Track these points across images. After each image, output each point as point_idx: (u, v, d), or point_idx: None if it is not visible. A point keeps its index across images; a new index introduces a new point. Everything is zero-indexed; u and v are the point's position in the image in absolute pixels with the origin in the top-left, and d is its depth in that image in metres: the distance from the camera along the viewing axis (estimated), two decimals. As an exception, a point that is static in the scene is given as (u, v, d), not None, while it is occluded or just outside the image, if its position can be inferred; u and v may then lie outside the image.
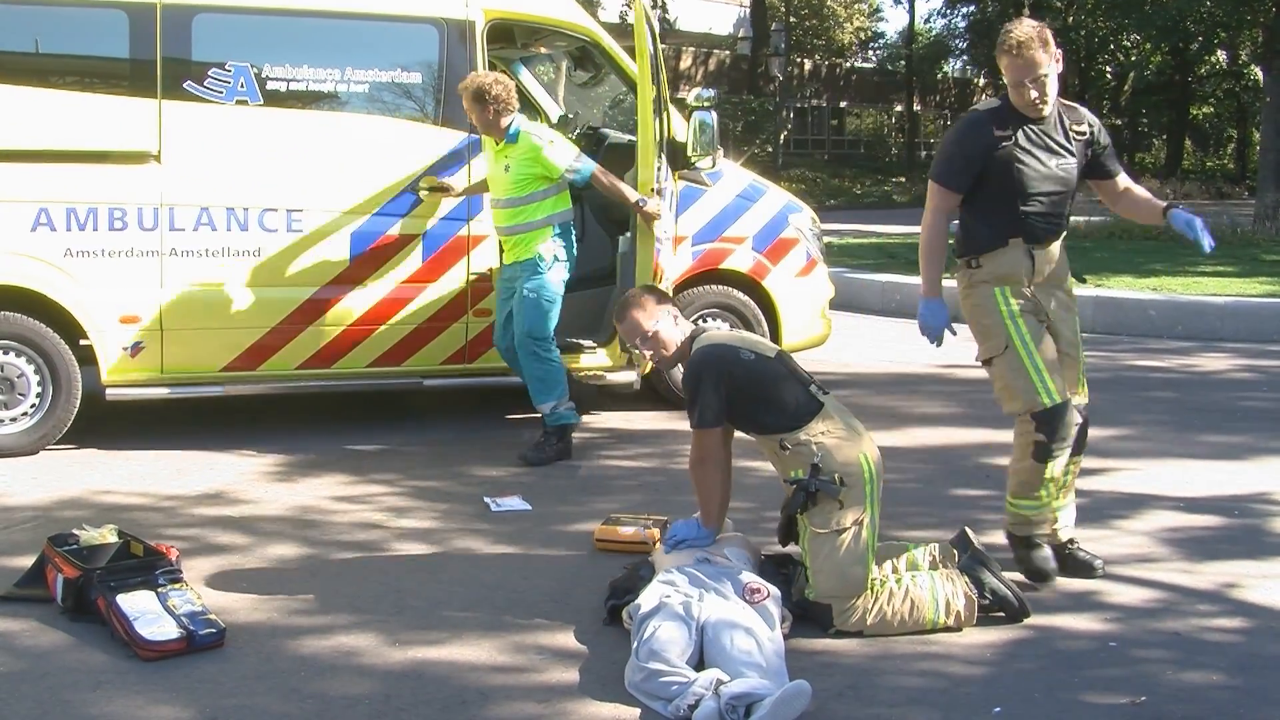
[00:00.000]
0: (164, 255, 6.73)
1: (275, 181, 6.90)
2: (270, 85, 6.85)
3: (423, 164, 7.10)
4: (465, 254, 7.26)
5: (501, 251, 7.00)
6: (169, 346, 6.81)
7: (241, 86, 6.78)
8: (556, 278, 6.74)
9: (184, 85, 6.69)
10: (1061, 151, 4.76)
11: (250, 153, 6.85)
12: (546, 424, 6.83)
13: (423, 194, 7.10)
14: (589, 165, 6.78)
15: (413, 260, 7.15)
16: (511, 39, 8.32)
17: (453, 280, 7.25)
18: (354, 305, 7.08)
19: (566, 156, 6.71)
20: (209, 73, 6.72)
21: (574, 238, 6.88)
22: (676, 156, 7.19)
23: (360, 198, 7.01)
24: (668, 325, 4.74)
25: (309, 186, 6.95)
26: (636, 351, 5.29)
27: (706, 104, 7.59)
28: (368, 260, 7.06)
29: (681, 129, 7.38)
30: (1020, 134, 4.70)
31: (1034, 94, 4.64)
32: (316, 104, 7.03)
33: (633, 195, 6.76)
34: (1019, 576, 4.78)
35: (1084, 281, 12.34)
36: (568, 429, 6.84)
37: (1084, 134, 4.84)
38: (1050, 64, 4.61)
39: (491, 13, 7.34)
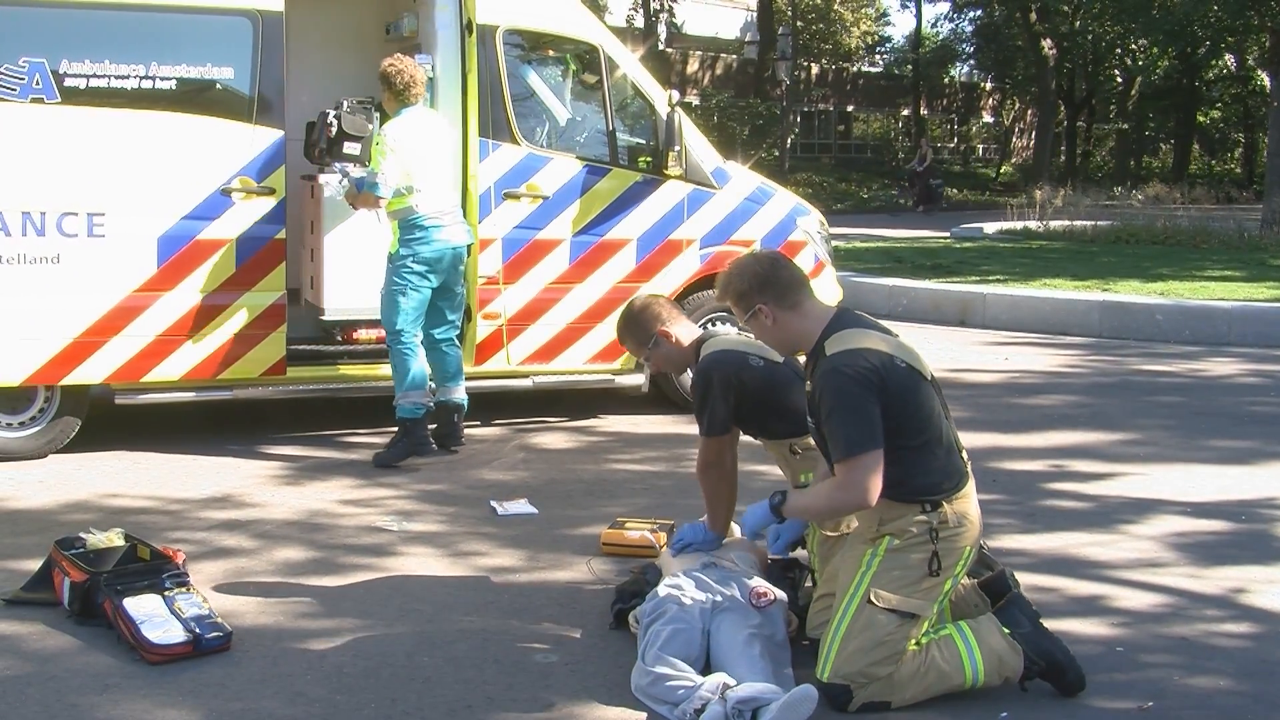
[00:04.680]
0: None
1: (75, 184, 6.51)
2: (69, 82, 6.44)
3: (236, 164, 6.77)
4: (282, 259, 6.94)
5: None
6: None
7: (37, 84, 6.39)
8: (398, 270, 6.70)
9: None
10: None
11: (47, 153, 6.46)
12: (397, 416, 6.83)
13: (236, 196, 6.78)
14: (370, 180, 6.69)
15: (225, 266, 6.80)
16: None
17: (270, 286, 6.92)
18: (162, 313, 6.72)
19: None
20: (0, 69, 6.34)
21: (425, 233, 6.67)
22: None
23: (168, 200, 6.66)
24: (674, 330, 4.73)
25: (112, 189, 6.57)
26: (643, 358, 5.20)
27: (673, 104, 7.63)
28: (176, 266, 6.70)
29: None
30: None
31: None
32: (120, 101, 6.55)
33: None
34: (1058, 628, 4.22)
35: None
36: (413, 423, 6.74)
37: None
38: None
39: (510, 24, 7.41)
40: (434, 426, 6.91)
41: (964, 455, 4.01)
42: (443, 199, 6.80)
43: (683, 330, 4.75)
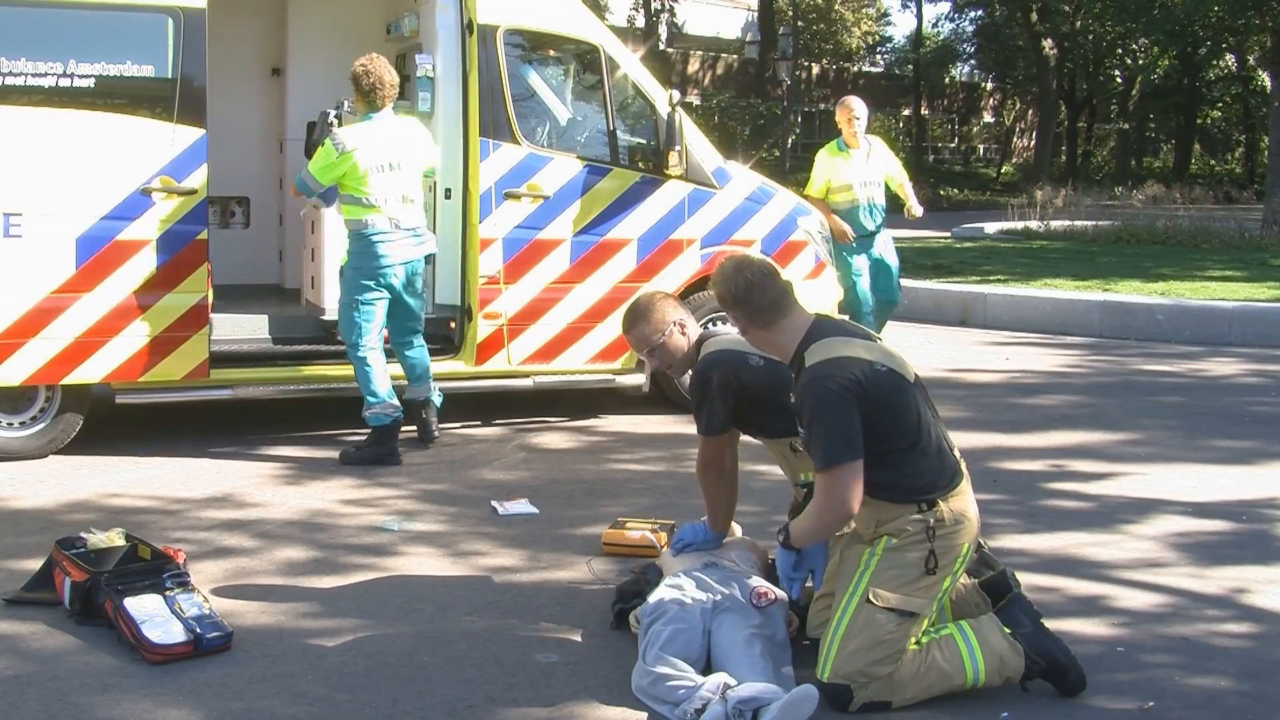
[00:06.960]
0: None
1: None
2: None
3: (157, 164, 6.63)
4: (204, 260, 6.79)
5: None
6: None
7: None
8: (348, 284, 6.81)
9: None
10: None
11: None
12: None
13: (156, 196, 6.64)
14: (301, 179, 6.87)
15: (146, 266, 6.66)
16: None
17: (192, 288, 6.77)
18: (82, 315, 6.57)
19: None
20: None
21: (371, 248, 6.72)
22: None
23: (87, 200, 6.52)
24: (676, 333, 4.70)
25: (29, 189, 6.44)
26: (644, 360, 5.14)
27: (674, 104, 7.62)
28: (95, 267, 6.56)
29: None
30: None
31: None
32: (37, 100, 6.41)
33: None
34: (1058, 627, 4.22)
35: None
36: (383, 431, 6.84)
37: None
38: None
39: (511, 24, 7.43)
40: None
41: (956, 454, 4.01)
42: (399, 213, 6.75)
43: (681, 334, 4.71)
